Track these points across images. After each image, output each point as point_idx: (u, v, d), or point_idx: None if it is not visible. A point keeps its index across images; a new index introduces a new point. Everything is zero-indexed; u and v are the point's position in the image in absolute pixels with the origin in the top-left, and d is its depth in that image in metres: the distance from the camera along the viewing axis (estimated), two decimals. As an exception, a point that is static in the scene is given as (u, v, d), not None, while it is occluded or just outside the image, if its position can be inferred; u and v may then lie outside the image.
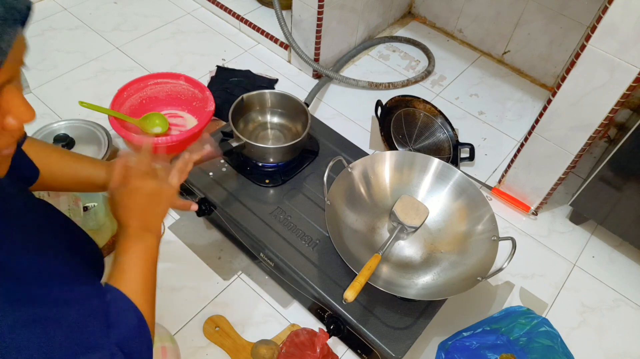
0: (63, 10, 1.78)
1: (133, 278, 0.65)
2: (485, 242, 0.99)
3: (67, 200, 1.19)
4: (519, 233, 1.35)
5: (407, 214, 1.01)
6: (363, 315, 0.95)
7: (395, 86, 1.67)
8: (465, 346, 1.01)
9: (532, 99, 1.70)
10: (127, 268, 0.65)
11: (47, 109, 1.46)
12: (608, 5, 0.93)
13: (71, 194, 1.15)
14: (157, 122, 1.41)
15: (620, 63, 0.97)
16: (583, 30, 1.54)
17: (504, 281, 1.24)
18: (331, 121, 1.52)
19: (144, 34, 1.74)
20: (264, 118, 1.25)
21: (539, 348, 1.02)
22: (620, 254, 1.33)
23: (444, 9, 1.86)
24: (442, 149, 1.46)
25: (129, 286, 0.63)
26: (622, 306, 1.23)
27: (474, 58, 1.83)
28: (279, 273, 1.07)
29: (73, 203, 1.18)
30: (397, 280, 0.98)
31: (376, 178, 1.10)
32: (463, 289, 0.91)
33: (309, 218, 1.09)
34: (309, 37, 1.57)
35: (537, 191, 1.32)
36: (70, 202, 1.19)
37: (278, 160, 1.15)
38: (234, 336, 1.07)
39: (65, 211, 1.18)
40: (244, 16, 1.77)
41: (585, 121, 1.09)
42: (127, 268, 0.65)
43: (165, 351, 0.77)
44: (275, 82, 1.64)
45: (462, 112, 1.63)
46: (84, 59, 1.62)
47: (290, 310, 1.12)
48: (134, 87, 1.39)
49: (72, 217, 1.18)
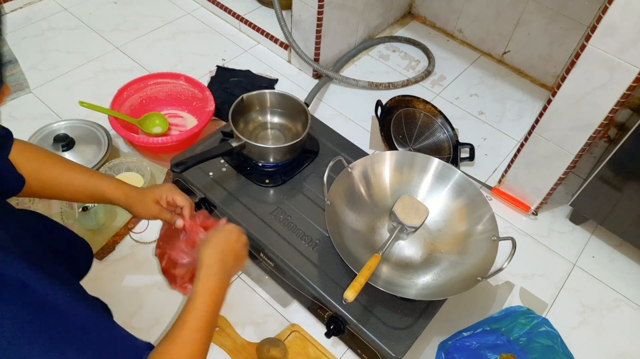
0: (63, 10, 1.78)
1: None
2: (485, 242, 0.99)
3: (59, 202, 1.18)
4: (519, 233, 1.35)
5: (407, 214, 1.01)
6: (363, 315, 0.95)
7: (395, 86, 1.67)
8: (465, 346, 1.01)
9: (532, 99, 1.70)
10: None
11: (47, 109, 1.46)
12: (608, 5, 0.93)
13: None
14: (157, 122, 1.41)
15: (620, 63, 0.97)
16: (583, 30, 1.54)
17: (504, 281, 1.24)
18: (331, 121, 1.52)
19: (144, 34, 1.74)
20: (264, 118, 1.25)
21: (539, 348, 1.02)
22: (620, 254, 1.33)
23: (444, 9, 1.86)
24: (442, 149, 1.46)
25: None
26: (622, 306, 1.23)
27: (474, 58, 1.83)
28: (279, 273, 1.07)
29: (66, 205, 1.18)
30: (397, 280, 0.98)
31: (376, 178, 1.10)
32: (463, 289, 0.91)
33: (309, 218, 1.09)
34: (309, 37, 1.57)
35: (537, 191, 1.32)
36: (62, 204, 1.18)
37: (278, 160, 1.15)
38: (234, 336, 1.07)
39: (57, 214, 1.18)
40: (244, 16, 1.77)
41: (585, 121, 1.09)
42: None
43: None
44: (275, 82, 1.64)
45: (462, 112, 1.63)
46: (84, 59, 1.62)
47: (290, 310, 1.12)
48: (134, 87, 1.39)
49: (65, 220, 1.18)
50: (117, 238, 1.19)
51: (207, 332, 0.68)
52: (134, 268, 1.15)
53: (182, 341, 0.65)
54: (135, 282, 1.13)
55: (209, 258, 0.74)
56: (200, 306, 0.69)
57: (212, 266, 0.73)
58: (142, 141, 1.25)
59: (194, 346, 0.65)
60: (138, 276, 1.13)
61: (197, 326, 0.67)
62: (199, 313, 0.68)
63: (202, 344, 0.67)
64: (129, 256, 1.17)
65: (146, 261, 1.17)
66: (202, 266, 0.73)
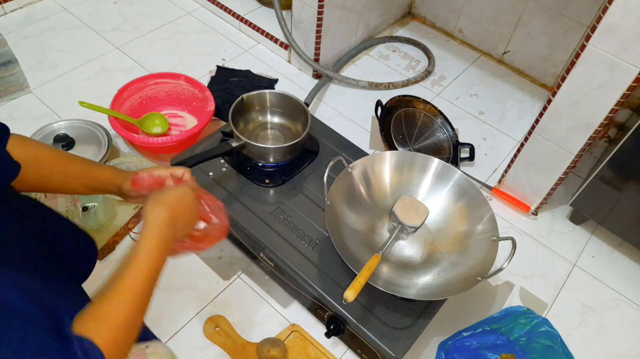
0: (63, 10, 1.78)
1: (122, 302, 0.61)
2: (485, 242, 0.99)
3: (65, 202, 1.19)
4: (519, 233, 1.35)
5: (407, 214, 1.01)
6: (363, 315, 0.95)
7: (395, 86, 1.67)
8: (465, 346, 1.01)
9: (532, 99, 1.70)
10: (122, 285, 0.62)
11: (47, 109, 1.46)
12: (608, 5, 0.93)
13: (69, 195, 1.14)
14: (157, 122, 1.41)
15: (620, 63, 0.97)
16: (583, 30, 1.54)
17: (504, 281, 1.24)
18: (331, 121, 1.52)
19: (144, 34, 1.74)
20: (264, 118, 1.25)
21: (539, 348, 1.02)
22: (620, 254, 1.33)
23: (444, 9, 1.86)
24: (442, 149, 1.46)
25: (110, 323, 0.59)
26: (622, 306, 1.23)
27: (474, 58, 1.83)
28: (279, 273, 1.07)
29: (71, 204, 1.18)
30: (397, 280, 0.98)
31: (376, 178, 1.10)
32: (463, 289, 0.91)
33: (309, 218, 1.09)
34: (309, 37, 1.57)
35: (537, 191, 1.32)
36: (68, 204, 1.18)
37: (278, 160, 1.15)
38: (234, 336, 1.07)
39: (63, 213, 1.18)
40: (244, 16, 1.77)
41: (585, 121, 1.09)
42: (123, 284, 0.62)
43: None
44: (275, 82, 1.64)
45: (462, 112, 1.63)
46: (84, 59, 1.62)
47: (290, 310, 1.12)
48: (134, 87, 1.39)
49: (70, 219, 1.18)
50: (117, 238, 1.19)
51: (145, 297, 0.64)
52: (134, 268, 1.15)
53: (118, 301, 0.60)
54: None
55: (157, 217, 0.69)
56: (143, 265, 0.64)
57: (159, 226, 0.68)
58: (142, 141, 1.25)
59: (132, 309, 0.61)
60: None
61: (136, 288, 0.62)
62: (140, 273, 0.63)
63: (139, 309, 0.63)
64: (129, 256, 1.17)
65: (146, 261, 1.17)
66: (148, 224, 0.68)
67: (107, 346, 0.55)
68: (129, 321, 0.61)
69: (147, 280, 0.64)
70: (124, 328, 0.60)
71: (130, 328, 0.61)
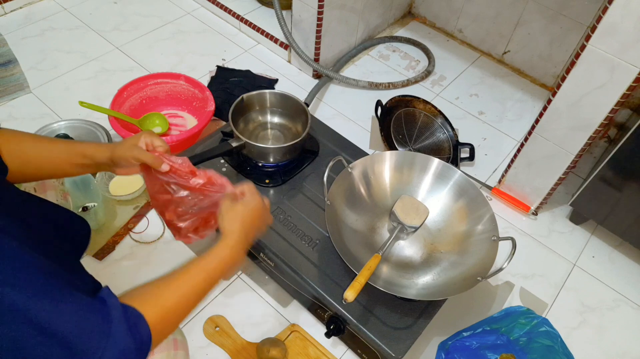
0: (63, 10, 1.78)
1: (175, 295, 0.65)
2: (485, 242, 0.99)
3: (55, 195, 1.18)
4: (519, 233, 1.35)
5: (407, 214, 1.01)
6: (363, 315, 0.95)
7: (395, 86, 1.67)
8: (465, 346, 1.01)
9: (532, 99, 1.70)
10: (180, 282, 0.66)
11: (47, 109, 1.46)
12: (608, 5, 0.93)
13: (59, 188, 1.13)
14: (157, 122, 1.41)
15: (620, 63, 0.97)
16: (583, 30, 1.54)
17: (504, 281, 1.24)
18: (331, 121, 1.52)
19: (144, 34, 1.74)
20: (264, 118, 1.25)
21: (539, 348, 1.02)
22: (620, 254, 1.33)
23: (444, 9, 1.86)
24: (442, 149, 1.46)
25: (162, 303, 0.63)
26: (622, 306, 1.23)
27: (474, 58, 1.83)
28: (279, 273, 1.07)
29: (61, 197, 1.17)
30: (397, 280, 0.98)
31: (376, 178, 1.10)
32: (463, 289, 0.91)
33: (309, 218, 1.09)
34: (309, 37, 1.57)
35: (537, 191, 1.32)
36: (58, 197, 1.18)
37: (278, 160, 1.15)
38: (234, 336, 1.07)
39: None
40: (244, 16, 1.77)
41: (585, 121, 1.09)
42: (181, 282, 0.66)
43: (177, 343, 0.78)
44: (275, 82, 1.64)
45: (462, 112, 1.63)
46: (84, 59, 1.62)
47: (290, 310, 1.12)
48: (134, 87, 1.39)
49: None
50: (117, 238, 1.19)
51: (199, 296, 0.68)
52: (134, 268, 1.15)
53: (176, 287, 0.65)
54: (135, 282, 1.11)
55: (234, 231, 0.75)
56: (210, 268, 0.69)
57: (235, 239, 0.74)
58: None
59: (185, 300, 0.65)
60: (138, 276, 1.13)
61: (195, 284, 0.67)
62: (206, 274, 0.68)
63: (190, 303, 0.66)
64: (129, 256, 1.17)
65: (146, 261, 1.17)
66: (226, 236, 0.74)
67: (154, 322, 0.59)
68: (179, 309, 0.64)
69: (207, 281, 0.68)
70: (173, 312, 0.63)
71: (178, 315, 0.65)
